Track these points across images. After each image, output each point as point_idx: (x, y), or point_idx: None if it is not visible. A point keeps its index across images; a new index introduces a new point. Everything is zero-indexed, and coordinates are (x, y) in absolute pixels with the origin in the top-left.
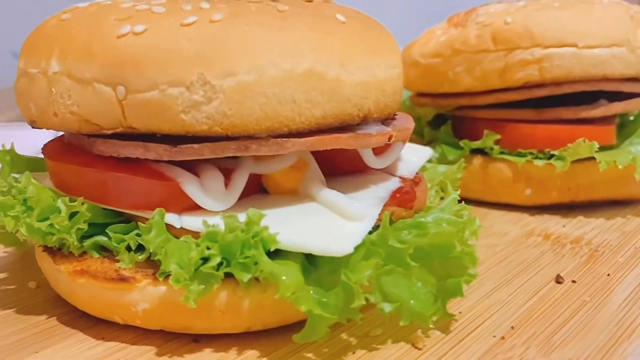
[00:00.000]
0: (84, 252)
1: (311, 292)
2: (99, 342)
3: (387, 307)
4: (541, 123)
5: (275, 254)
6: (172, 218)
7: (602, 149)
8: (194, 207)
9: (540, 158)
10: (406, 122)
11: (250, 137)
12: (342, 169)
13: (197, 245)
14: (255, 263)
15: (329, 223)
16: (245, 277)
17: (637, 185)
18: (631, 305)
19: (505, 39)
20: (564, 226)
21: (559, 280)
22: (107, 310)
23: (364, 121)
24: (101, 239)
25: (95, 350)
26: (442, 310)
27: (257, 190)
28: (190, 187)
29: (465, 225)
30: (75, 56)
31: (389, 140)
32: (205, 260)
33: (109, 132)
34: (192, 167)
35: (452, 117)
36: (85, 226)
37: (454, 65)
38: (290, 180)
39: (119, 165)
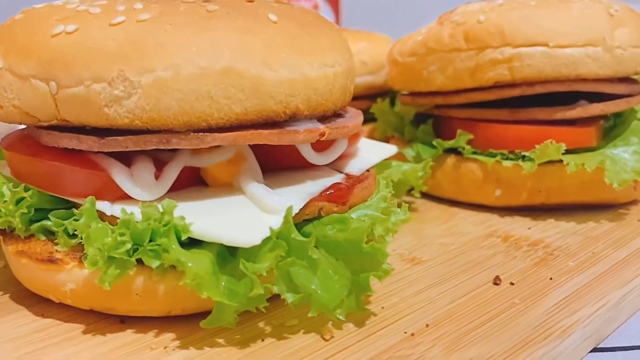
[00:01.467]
0: (32, 235)
1: (223, 280)
2: (37, 318)
3: (289, 298)
4: (515, 123)
5: (196, 244)
6: (103, 206)
7: (580, 151)
8: (127, 197)
9: (511, 159)
10: (349, 120)
11: (171, 131)
12: (286, 165)
13: (113, 231)
14: (167, 251)
15: (247, 215)
16: (154, 263)
17: (613, 189)
18: (559, 310)
19: (477, 37)
20: (529, 228)
21: (496, 281)
22: (43, 290)
23: (293, 118)
24: (46, 223)
25: (32, 326)
26: (355, 304)
27: (197, 182)
28: (120, 177)
29: (378, 222)
30: (16, 53)
31: (321, 138)
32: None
33: (46, 124)
34: (129, 158)
35: (433, 116)
36: (28, 210)
37: (428, 64)
38: (226, 174)
39: (63, 156)
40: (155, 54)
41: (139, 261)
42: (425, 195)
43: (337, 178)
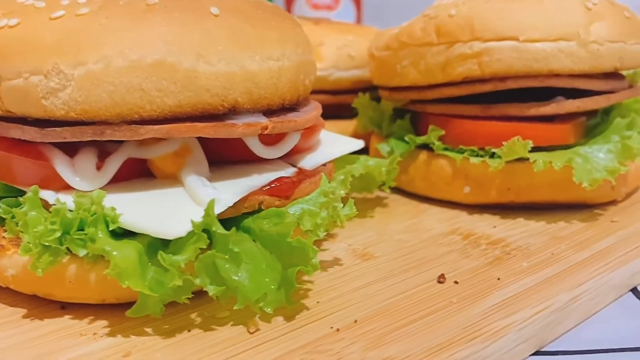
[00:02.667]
0: None
1: (151, 271)
2: None
3: (212, 290)
4: (488, 119)
5: (131, 235)
6: (47, 195)
7: (555, 148)
8: (71, 186)
9: (480, 155)
10: (300, 114)
11: (106, 123)
12: (236, 158)
13: (46, 219)
14: (93, 240)
15: (180, 208)
16: (81, 252)
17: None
18: (495, 311)
19: (447, 32)
20: (494, 227)
21: (440, 280)
22: None
23: (233, 111)
24: None
25: None
26: (285, 298)
27: (145, 173)
28: (61, 166)
29: (306, 216)
30: None
31: (263, 131)
32: None
33: None
34: (76, 149)
35: (411, 111)
36: None
37: (401, 58)
38: (171, 166)
39: (14, 146)
40: (88, 47)
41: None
42: (399, 191)
43: (286, 172)
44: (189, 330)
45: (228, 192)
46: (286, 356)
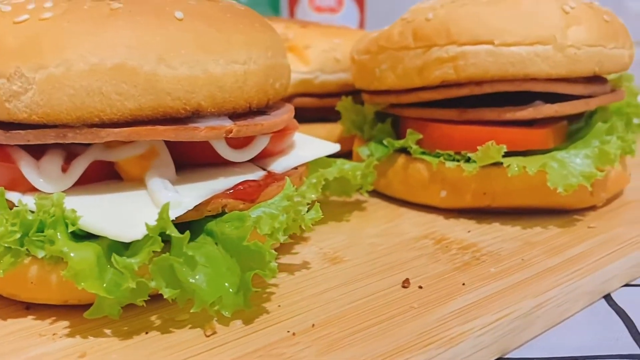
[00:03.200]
0: None
1: (110, 273)
2: None
3: (166, 292)
4: (465, 124)
5: (93, 237)
6: (13, 196)
7: (532, 153)
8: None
9: (456, 160)
10: (268, 118)
11: (68, 126)
12: (205, 161)
13: (7, 221)
14: (52, 242)
15: (140, 211)
16: (40, 253)
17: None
18: (455, 317)
19: (424, 36)
20: (468, 231)
21: (405, 284)
22: None
23: (197, 114)
24: None
25: None
26: (243, 301)
27: (113, 176)
28: (26, 168)
29: (263, 220)
30: None
31: (227, 135)
32: None
33: None
34: (43, 151)
35: (392, 115)
36: None
37: (379, 62)
38: (137, 169)
39: None
40: (50, 51)
41: None
42: (378, 195)
43: (254, 175)
44: (147, 333)
45: (190, 195)
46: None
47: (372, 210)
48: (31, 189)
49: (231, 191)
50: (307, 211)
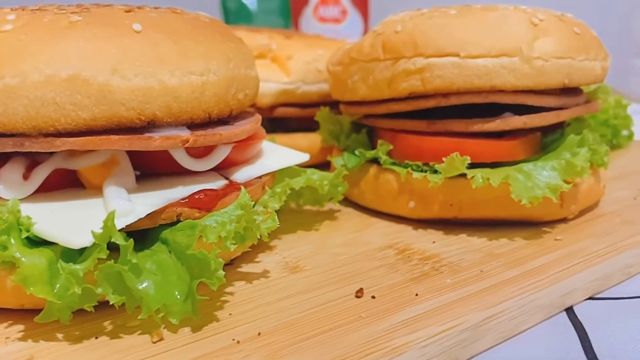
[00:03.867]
0: None
1: (62, 279)
2: None
3: (112, 299)
4: (433, 135)
5: (48, 244)
6: None
7: (502, 165)
8: None
9: (424, 171)
10: (229, 127)
11: (25, 135)
12: (167, 170)
13: None
14: (5, 247)
15: (93, 218)
16: None
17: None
18: (401, 328)
19: (392, 48)
20: (433, 242)
21: (358, 294)
22: None
23: (152, 124)
24: None
25: None
26: (191, 309)
27: (75, 184)
28: None
29: (208, 229)
30: None
31: (184, 145)
32: None
33: None
34: (6, 159)
35: (368, 125)
36: None
37: (351, 73)
38: (98, 177)
39: None
40: (6, 62)
41: None
42: (352, 205)
43: (214, 184)
44: (97, 338)
45: (144, 203)
46: None
47: (344, 220)
48: None
49: (187, 200)
50: (264, 220)
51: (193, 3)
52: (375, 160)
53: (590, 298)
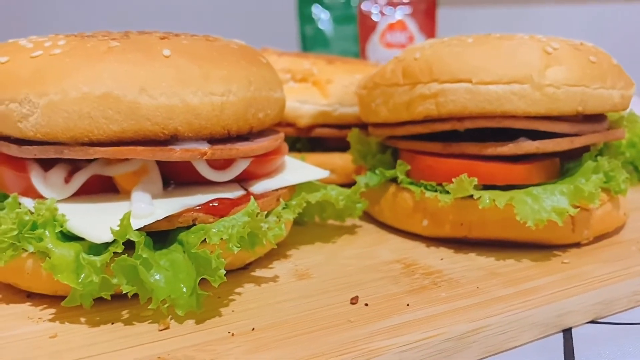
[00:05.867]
0: None
1: (87, 269)
2: None
3: (126, 288)
4: (448, 157)
5: (80, 239)
6: (26, 201)
7: (515, 188)
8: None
9: (437, 190)
10: (247, 143)
11: (64, 144)
12: (191, 179)
13: (10, 220)
14: (41, 239)
15: (117, 218)
16: (30, 248)
17: (543, 228)
18: (383, 333)
19: (411, 73)
20: (441, 259)
21: (353, 301)
22: None
23: (175, 138)
24: None
25: None
26: (196, 303)
27: (111, 189)
28: (35, 179)
29: (211, 232)
30: None
31: (202, 157)
32: None
33: None
34: (52, 164)
35: (392, 146)
36: None
37: (374, 97)
38: (130, 183)
39: (7, 161)
40: (52, 81)
41: None
42: (373, 221)
43: (231, 194)
44: (112, 323)
45: (163, 207)
46: (176, 351)
47: (361, 235)
48: (39, 196)
49: (202, 206)
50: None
51: (272, 29)
52: (394, 180)
53: (592, 322)
